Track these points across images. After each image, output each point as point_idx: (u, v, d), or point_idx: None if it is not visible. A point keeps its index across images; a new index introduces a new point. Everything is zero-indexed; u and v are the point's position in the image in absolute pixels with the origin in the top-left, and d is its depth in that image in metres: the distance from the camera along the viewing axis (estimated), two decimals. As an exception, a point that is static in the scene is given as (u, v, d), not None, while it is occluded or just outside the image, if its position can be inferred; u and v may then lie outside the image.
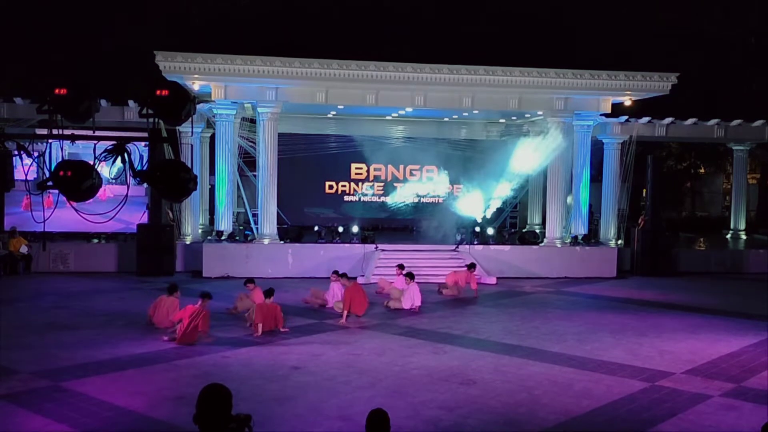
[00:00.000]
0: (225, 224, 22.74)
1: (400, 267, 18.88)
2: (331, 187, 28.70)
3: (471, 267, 19.84)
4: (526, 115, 26.01)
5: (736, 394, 11.09)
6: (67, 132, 6.46)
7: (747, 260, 25.69)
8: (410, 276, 17.67)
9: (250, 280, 16.53)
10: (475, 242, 23.62)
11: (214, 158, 23.45)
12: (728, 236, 29.12)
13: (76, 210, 6.49)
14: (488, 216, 26.24)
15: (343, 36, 30.71)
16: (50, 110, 6.34)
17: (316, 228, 24.50)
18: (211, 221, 25.28)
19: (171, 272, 21.99)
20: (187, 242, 23.41)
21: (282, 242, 22.58)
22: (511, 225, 28.62)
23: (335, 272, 17.42)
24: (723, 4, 33.20)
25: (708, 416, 10.10)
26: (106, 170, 6.84)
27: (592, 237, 24.67)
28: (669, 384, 11.57)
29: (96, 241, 23.95)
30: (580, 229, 23.98)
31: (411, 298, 17.38)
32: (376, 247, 22.57)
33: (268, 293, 14.84)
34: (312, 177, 27.85)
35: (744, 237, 28.72)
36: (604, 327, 15.84)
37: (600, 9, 32.98)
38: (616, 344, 14.21)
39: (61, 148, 6.78)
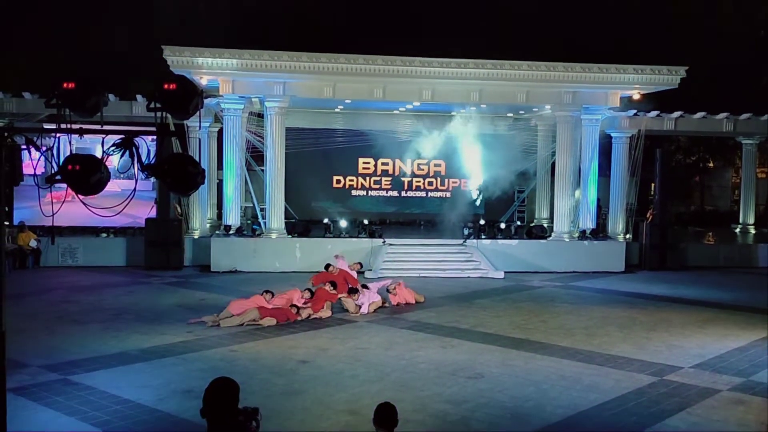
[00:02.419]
0: (233, 218, 22.77)
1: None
2: (338, 181, 28.75)
3: (395, 284, 17.21)
4: (534, 109, 25.93)
5: (744, 389, 11.05)
6: (75, 126, 6.45)
7: (756, 254, 25.58)
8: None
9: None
10: (483, 236, 23.61)
11: (221, 153, 23.49)
12: (737, 230, 29.01)
13: (85, 204, 6.49)
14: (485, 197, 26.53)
15: (350, 30, 30.65)
16: (58, 104, 6.34)
17: (326, 220, 24.51)
18: (219, 216, 25.33)
19: (179, 266, 22.05)
20: (195, 236, 23.44)
21: (290, 236, 22.61)
22: (519, 219, 28.59)
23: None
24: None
25: (716, 411, 10.08)
26: (115, 162, 6.82)
27: (600, 231, 24.58)
28: (677, 378, 11.55)
29: (104, 235, 24.00)
30: (588, 223, 23.91)
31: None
32: (384, 241, 22.59)
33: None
34: (319, 171, 27.87)
35: (753, 231, 28.61)
36: (612, 321, 15.81)
37: (609, 2, 32.83)
38: (624, 338, 14.19)
39: (69, 142, 6.78)
